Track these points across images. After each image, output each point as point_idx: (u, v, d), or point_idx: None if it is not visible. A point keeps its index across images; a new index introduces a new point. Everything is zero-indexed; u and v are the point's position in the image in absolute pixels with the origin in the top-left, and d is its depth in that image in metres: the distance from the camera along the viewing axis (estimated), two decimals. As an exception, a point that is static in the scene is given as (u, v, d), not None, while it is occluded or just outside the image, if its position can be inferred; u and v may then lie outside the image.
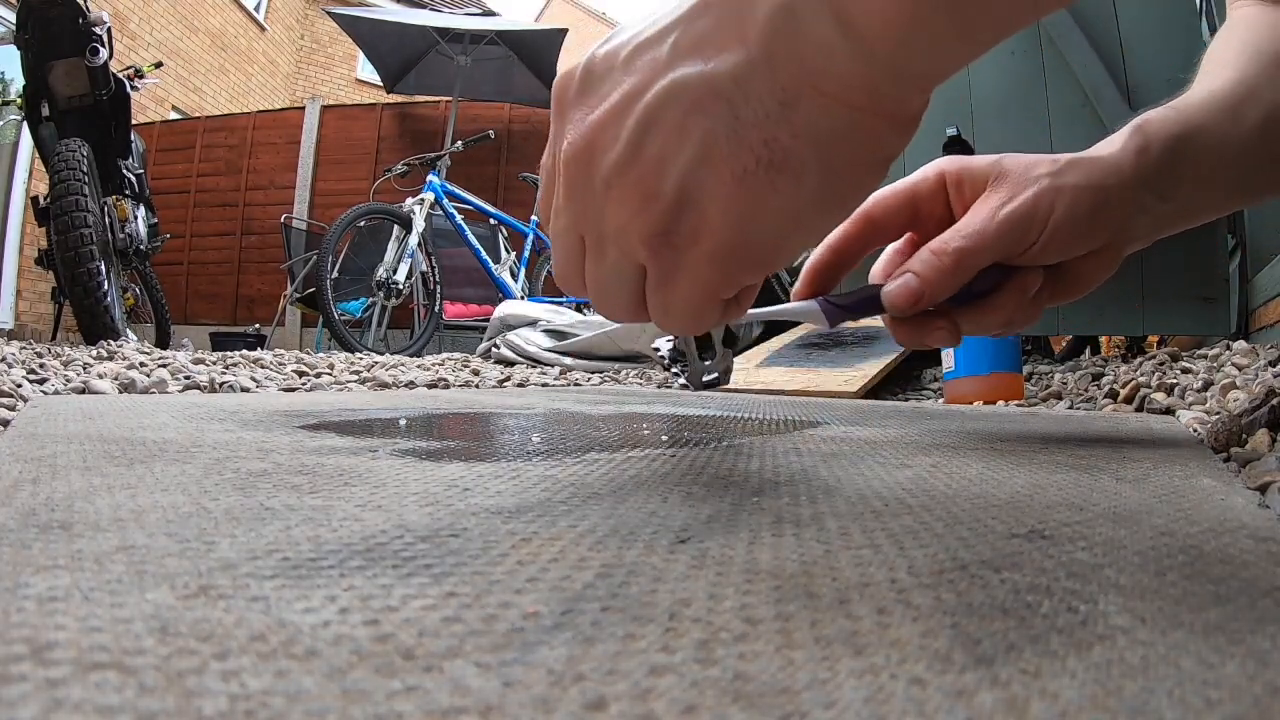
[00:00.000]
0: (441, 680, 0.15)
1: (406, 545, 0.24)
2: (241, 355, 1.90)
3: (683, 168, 0.27)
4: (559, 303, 3.76)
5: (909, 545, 0.25)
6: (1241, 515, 0.31)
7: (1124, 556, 0.24)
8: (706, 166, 0.27)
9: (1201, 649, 0.17)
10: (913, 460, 0.45)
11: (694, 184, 0.27)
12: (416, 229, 3.40)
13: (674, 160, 0.27)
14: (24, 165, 5.20)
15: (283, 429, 0.55)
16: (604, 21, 17.12)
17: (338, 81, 10.02)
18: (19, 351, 1.49)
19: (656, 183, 0.27)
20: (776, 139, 0.26)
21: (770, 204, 0.27)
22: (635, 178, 0.27)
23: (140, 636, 0.16)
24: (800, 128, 0.26)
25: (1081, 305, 1.83)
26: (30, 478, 0.34)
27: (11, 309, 5.18)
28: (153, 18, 6.84)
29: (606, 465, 0.41)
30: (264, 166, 5.73)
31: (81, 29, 2.39)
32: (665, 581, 0.21)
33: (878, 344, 1.61)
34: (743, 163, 0.26)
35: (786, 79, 0.25)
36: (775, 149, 0.26)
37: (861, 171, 0.28)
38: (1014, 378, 1.14)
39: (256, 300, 5.60)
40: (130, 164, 2.75)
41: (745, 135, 0.26)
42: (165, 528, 0.26)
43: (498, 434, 0.60)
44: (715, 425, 0.65)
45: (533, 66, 5.44)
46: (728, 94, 0.26)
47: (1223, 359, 1.18)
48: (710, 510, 0.30)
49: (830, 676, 0.15)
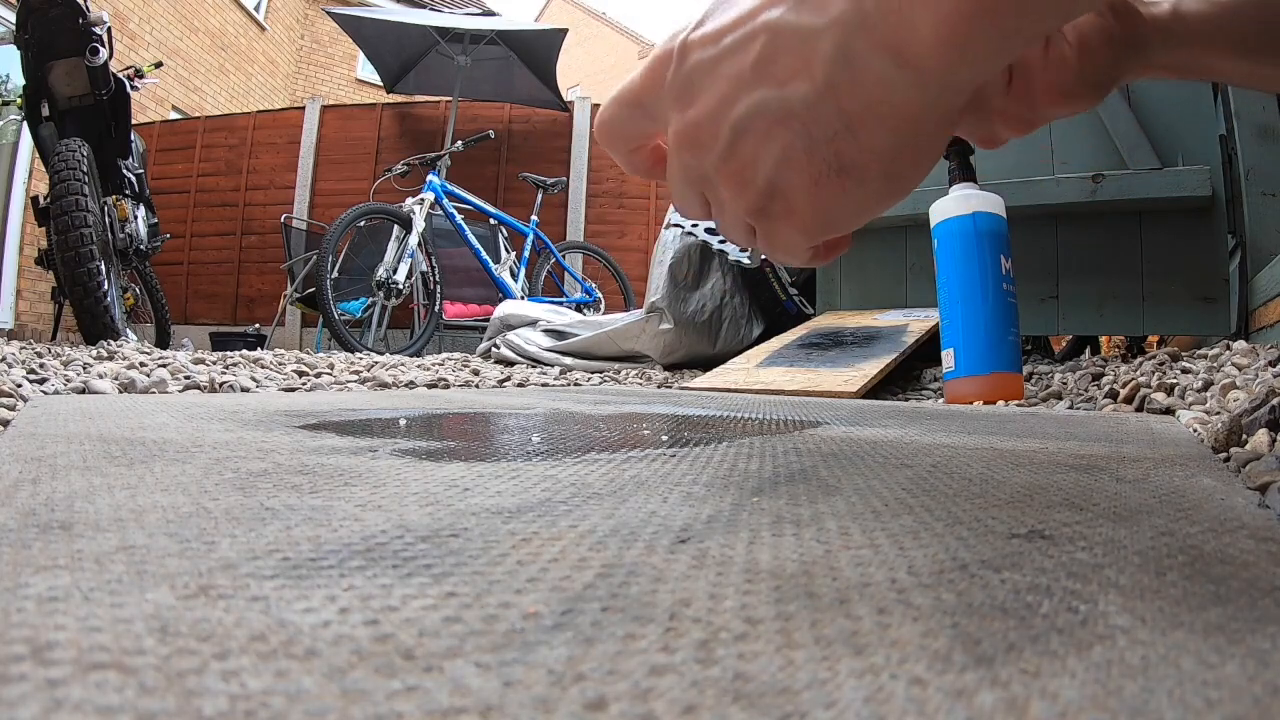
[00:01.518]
0: (441, 680, 0.15)
1: (406, 545, 0.24)
2: (241, 355, 1.90)
3: (770, 167, 0.32)
4: (559, 303, 3.76)
5: (909, 545, 0.25)
6: (1241, 515, 0.31)
7: (1124, 556, 0.24)
8: (788, 168, 0.31)
9: (1201, 649, 0.17)
10: (913, 460, 0.45)
11: (780, 179, 0.32)
12: (416, 229, 3.40)
13: (763, 161, 0.32)
14: (24, 165, 5.20)
15: (283, 429, 0.55)
16: (604, 21, 17.12)
17: (338, 81, 10.02)
18: (19, 351, 1.49)
19: (751, 175, 0.32)
20: (844, 152, 0.30)
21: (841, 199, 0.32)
22: (734, 170, 0.33)
23: (140, 636, 0.16)
24: (864, 144, 0.30)
25: (1082, 305, 1.83)
26: (30, 478, 0.34)
27: (11, 309, 5.17)
28: (153, 18, 6.84)
29: (606, 465, 0.41)
30: (264, 166, 5.73)
31: (81, 29, 2.39)
32: (665, 581, 0.21)
33: (878, 344, 1.61)
34: (817, 169, 0.31)
35: (849, 106, 0.29)
36: (844, 159, 0.30)
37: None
38: (1014, 378, 1.14)
39: (256, 300, 5.60)
40: (130, 164, 2.75)
41: (817, 149, 0.30)
42: (165, 528, 0.25)
43: (498, 434, 0.60)
44: (715, 425, 0.65)
45: (533, 66, 5.44)
46: (801, 117, 0.30)
47: (1223, 359, 1.18)
48: (710, 510, 0.30)
49: (830, 676, 0.15)
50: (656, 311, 2.12)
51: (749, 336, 2.18)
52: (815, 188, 0.31)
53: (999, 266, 1.15)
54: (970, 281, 1.16)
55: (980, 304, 1.15)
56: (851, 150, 0.30)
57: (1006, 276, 1.16)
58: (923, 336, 1.62)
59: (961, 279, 1.17)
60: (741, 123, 0.31)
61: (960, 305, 1.17)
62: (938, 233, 1.21)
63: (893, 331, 1.69)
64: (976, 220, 1.17)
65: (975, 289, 1.15)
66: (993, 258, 1.16)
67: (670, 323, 2.09)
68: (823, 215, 0.32)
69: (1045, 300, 1.86)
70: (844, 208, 0.32)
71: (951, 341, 1.17)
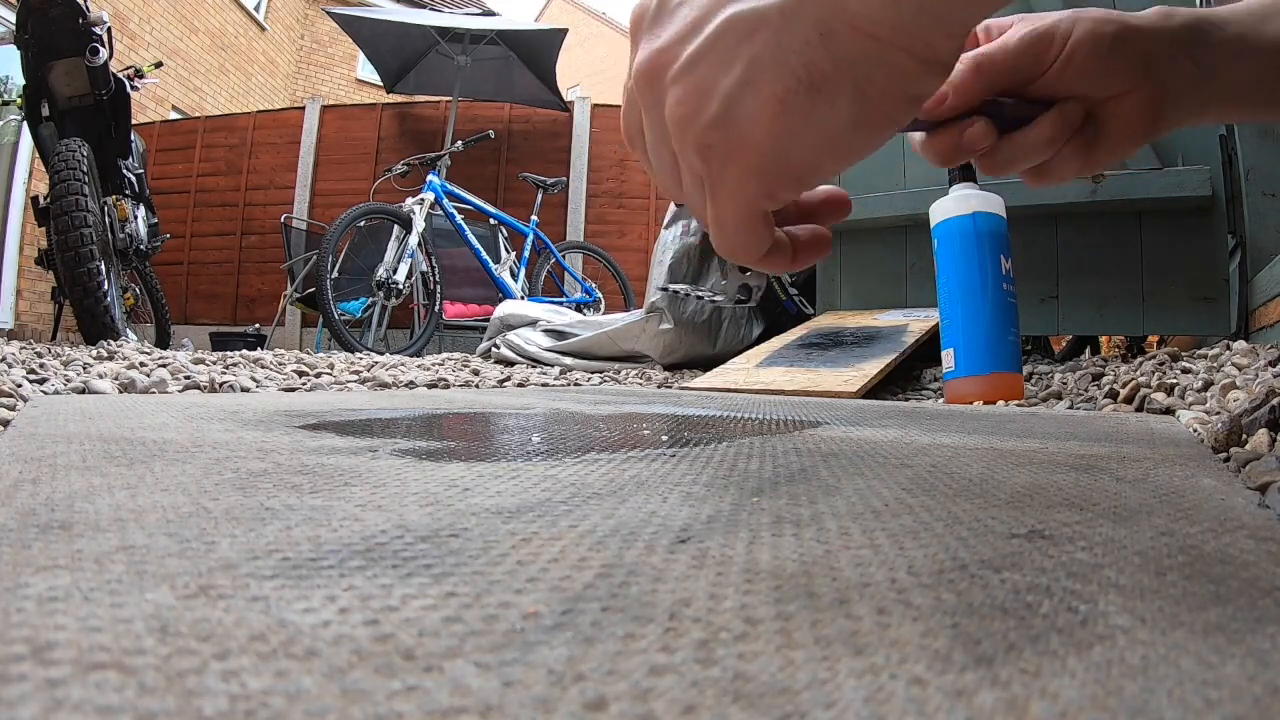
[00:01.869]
0: (441, 680, 0.15)
1: (406, 545, 0.24)
2: (241, 355, 1.90)
3: (728, 87, 0.30)
4: (559, 303, 3.76)
5: (909, 545, 0.25)
6: (1241, 515, 0.31)
7: (1124, 556, 0.24)
8: (750, 88, 0.30)
9: (1201, 649, 0.17)
10: (913, 460, 0.45)
11: (738, 102, 0.30)
12: (416, 229, 3.40)
13: (722, 79, 0.30)
14: (24, 165, 5.20)
15: (283, 429, 0.55)
16: (604, 21, 17.12)
17: (338, 81, 10.02)
18: (19, 351, 1.48)
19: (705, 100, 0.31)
20: (815, 64, 0.29)
21: (807, 123, 0.30)
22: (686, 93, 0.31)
23: (140, 636, 0.16)
24: (837, 56, 0.29)
25: (1082, 305, 1.83)
26: (30, 478, 0.34)
27: (11, 309, 5.17)
28: (153, 18, 6.84)
29: (606, 465, 0.41)
30: (264, 166, 5.73)
31: (81, 29, 2.39)
32: (665, 581, 0.21)
33: (878, 344, 1.61)
34: (785, 84, 0.30)
35: (825, 13, 0.29)
36: (814, 72, 0.29)
37: (891, 102, 0.31)
38: (1014, 378, 1.14)
39: (256, 300, 5.59)
40: (130, 164, 2.75)
41: (788, 60, 0.29)
42: (165, 528, 0.25)
43: (498, 434, 0.60)
44: (715, 425, 0.65)
45: (533, 66, 5.44)
46: (774, 23, 0.29)
47: (1223, 359, 1.18)
48: (710, 510, 0.30)
49: (830, 676, 0.15)
50: (656, 311, 2.12)
51: (749, 336, 2.18)
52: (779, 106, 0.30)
53: (999, 266, 1.15)
54: (970, 281, 1.16)
55: (980, 304, 1.15)
56: (823, 62, 0.29)
57: (1006, 276, 1.16)
58: (923, 336, 1.62)
59: (961, 279, 1.17)
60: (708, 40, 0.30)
61: (960, 305, 1.17)
62: (938, 233, 1.21)
63: (892, 331, 1.69)
64: (976, 220, 1.17)
65: (975, 289, 1.15)
66: (993, 258, 1.16)
67: (670, 323, 2.09)
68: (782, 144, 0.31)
69: (1045, 300, 1.86)
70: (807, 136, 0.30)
71: (951, 341, 1.17)
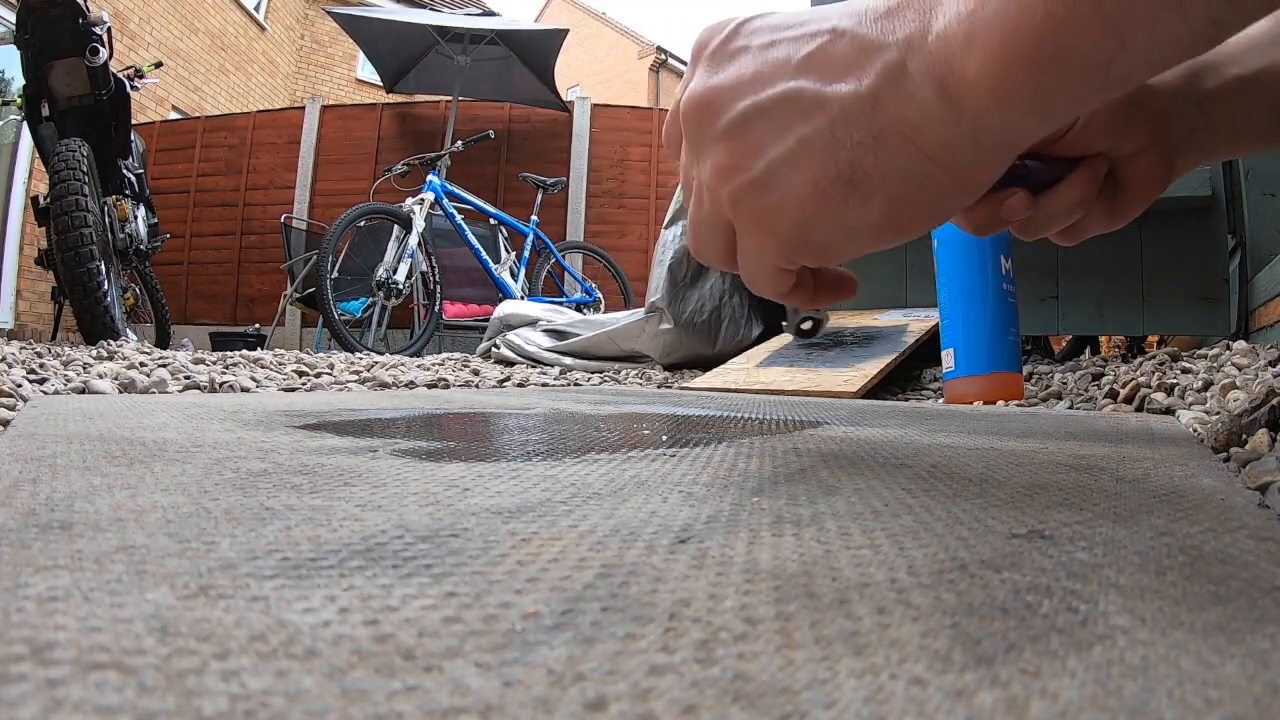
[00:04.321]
0: (441, 680, 0.15)
1: (406, 545, 0.24)
2: (241, 355, 1.90)
3: (774, 157, 0.31)
4: (559, 303, 3.76)
5: (909, 545, 0.25)
6: (1241, 515, 0.31)
7: (1124, 556, 0.24)
8: (793, 164, 0.31)
9: (1201, 649, 0.17)
10: (913, 460, 0.45)
11: (779, 174, 0.31)
12: (416, 229, 3.40)
13: (770, 148, 0.31)
14: (24, 165, 5.20)
15: (283, 429, 0.55)
16: (604, 21, 17.12)
17: (338, 81, 10.02)
18: (19, 351, 1.48)
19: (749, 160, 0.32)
20: (860, 163, 0.30)
21: (836, 213, 0.31)
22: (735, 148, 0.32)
23: (140, 636, 0.16)
24: (884, 163, 0.30)
25: (1082, 305, 1.83)
26: (30, 478, 0.34)
27: (11, 309, 5.17)
28: (153, 18, 6.83)
29: (606, 465, 0.41)
30: (264, 166, 5.72)
31: (81, 29, 2.39)
32: (665, 581, 0.21)
33: (878, 344, 1.61)
34: (826, 173, 0.31)
35: (885, 120, 0.30)
36: (856, 171, 0.30)
37: (920, 215, 0.32)
38: (1014, 378, 1.15)
39: (256, 300, 5.59)
40: (130, 164, 2.75)
41: (835, 152, 0.30)
42: (165, 528, 0.25)
43: (498, 434, 0.60)
44: (715, 425, 0.65)
45: (532, 66, 5.44)
46: (834, 115, 0.30)
47: (1223, 359, 1.18)
48: (710, 510, 0.30)
49: (830, 676, 0.15)
50: (656, 311, 2.12)
51: (749, 336, 2.18)
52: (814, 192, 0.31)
53: (999, 267, 1.15)
54: (970, 281, 1.16)
55: (980, 304, 1.15)
56: (868, 164, 0.30)
57: (1006, 277, 1.16)
58: (923, 336, 1.62)
59: (961, 279, 1.17)
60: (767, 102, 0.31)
61: (960, 305, 1.17)
62: (938, 233, 1.21)
63: (893, 331, 1.69)
64: (976, 220, 1.17)
65: (975, 289, 1.15)
66: (993, 258, 1.16)
67: (670, 323, 2.09)
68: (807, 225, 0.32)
69: (1045, 300, 1.86)
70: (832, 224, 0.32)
71: (951, 341, 1.17)
